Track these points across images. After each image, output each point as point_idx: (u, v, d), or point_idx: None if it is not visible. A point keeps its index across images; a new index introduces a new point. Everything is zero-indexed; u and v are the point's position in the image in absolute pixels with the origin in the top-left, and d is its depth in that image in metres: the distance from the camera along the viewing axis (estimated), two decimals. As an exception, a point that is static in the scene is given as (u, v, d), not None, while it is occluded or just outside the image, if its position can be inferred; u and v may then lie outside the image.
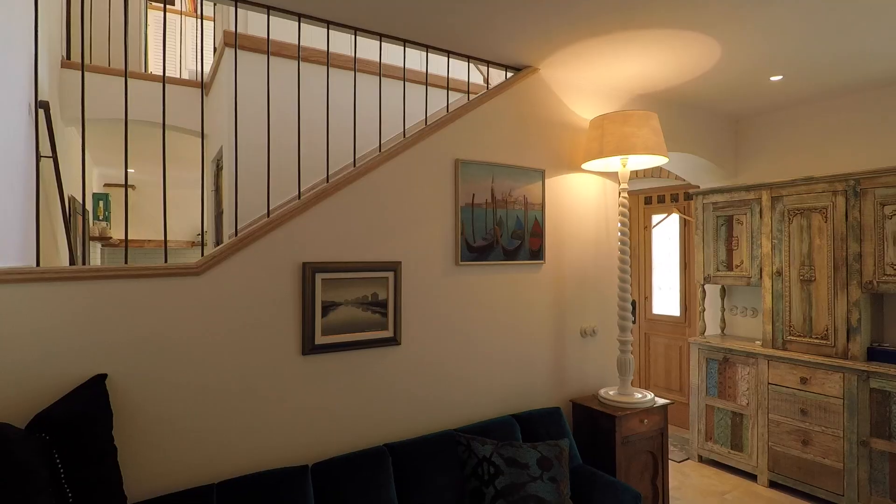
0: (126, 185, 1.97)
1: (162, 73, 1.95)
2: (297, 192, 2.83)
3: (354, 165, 2.31)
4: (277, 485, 1.89)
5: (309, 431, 2.14)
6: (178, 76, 5.08)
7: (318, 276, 2.14)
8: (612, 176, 3.19)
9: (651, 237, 4.86)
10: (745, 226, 3.63)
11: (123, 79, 3.76)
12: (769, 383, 3.40)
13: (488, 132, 2.67)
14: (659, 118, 3.15)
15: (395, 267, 2.34)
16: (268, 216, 2.17)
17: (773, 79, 3.06)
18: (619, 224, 2.78)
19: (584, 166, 2.90)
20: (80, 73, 3.68)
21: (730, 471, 3.69)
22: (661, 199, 4.76)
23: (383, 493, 2.05)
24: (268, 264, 2.06)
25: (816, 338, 3.22)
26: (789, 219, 3.37)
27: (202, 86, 2.08)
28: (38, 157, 1.86)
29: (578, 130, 3.03)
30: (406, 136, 2.45)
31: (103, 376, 1.74)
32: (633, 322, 2.86)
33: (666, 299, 4.76)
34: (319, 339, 2.15)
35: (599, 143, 2.70)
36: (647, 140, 2.63)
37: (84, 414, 1.62)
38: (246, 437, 2.00)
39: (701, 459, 3.86)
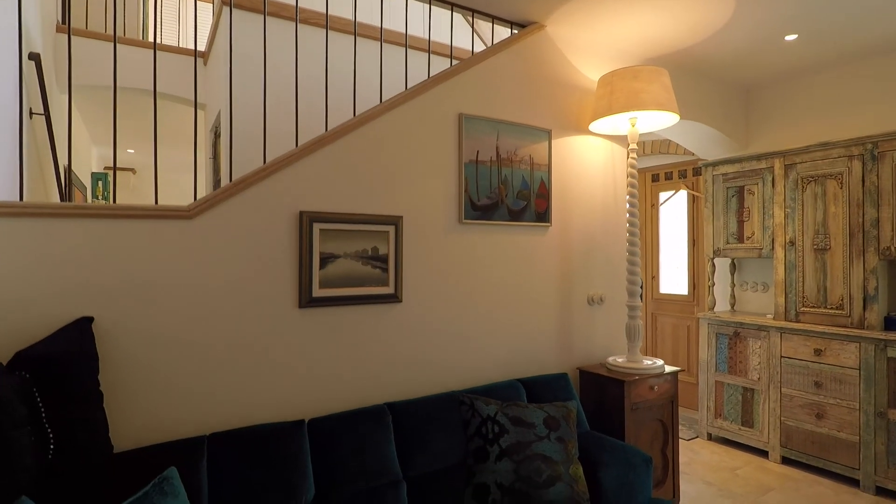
0: (114, 135, 1.89)
1: (158, 39, 1.86)
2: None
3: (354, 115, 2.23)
4: (272, 438, 1.80)
5: (306, 388, 2.05)
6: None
7: (316, 226, 2.06)
8: (621, 140, 3.10)
9: (658, 215, 4.76)
10: (756, 196, 3.54)
11: (122, 45, 3.69)
12: (782, 356, 3.30)
13: (493, 88, 2.58)
14: (669, 81, 3.05)
15: (396, 221, 2.25)
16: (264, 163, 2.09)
17: (787, 38, 2.95)
18: (628, 186, 2.69)
19: (591, 127, 2.81)
20: (75, 38, 3.61)
21: (740, 448, 3.60)
22: (668, 176, 4.66)
23: (383, 449, 1.96)
24: (263, 211, 1.97)
25: (831, 308, 3.12)
26: (803, 186, 3.27)
27: (195, 39, 2.00)
28: (23, 98, 1.77)
29: (586, 92, 2.94)
30: (408, 89, 2.36)
31: (89, 319, 1.66)
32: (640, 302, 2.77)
33: (673, 278, 4.66)
34: (317, 292, 2.06)
35: (608, 100, 2.61)
36: (658, 96, 2.54)
37: (67, 353, 1.54)
38: (240, 391, 1.92)
39: (710, 437, 3.76)
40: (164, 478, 1.48)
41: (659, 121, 2.75)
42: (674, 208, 4.65)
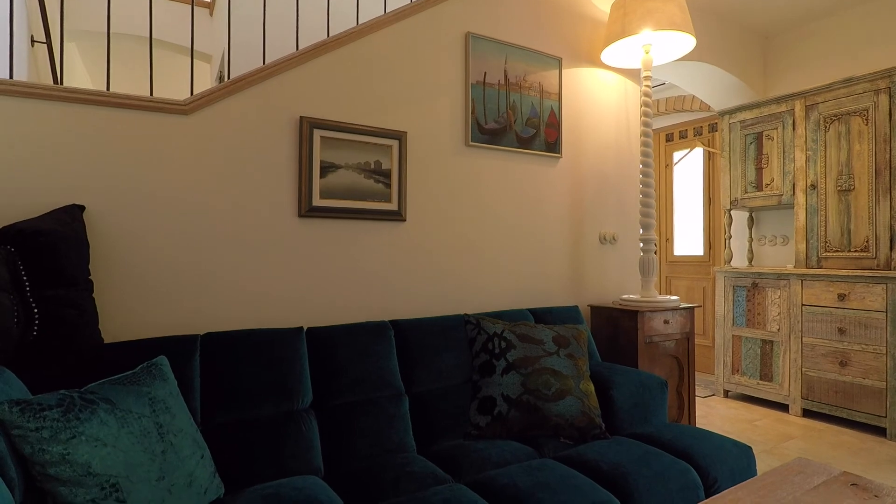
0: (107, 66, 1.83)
1: None
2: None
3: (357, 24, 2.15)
4: (268, 342, 1.73)
5: (305, 300, 1.98)
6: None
7: (317, 133, 1.99)
8: (634, 75, 2.99)
9: (672, 176, 4.63)
10: (775, 141, 3.40)
11: (126, -8, 3.66)
12: (803, 304, 3.17)
13: (501, 9, 2.50)
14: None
15: (399, 136, 2.17)
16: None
17: (809, -35, 2.83)
18: (642, 115, 2.59)
19: (604, 56, 2.71)
20: (80, -18, 3.58)
21: (759, 403, 3.46)
22: (683, 135, 4.53)
23: (384, 362, 1.88)
24: (263, 113, 1.91)
25: (856, 251, 2.99)
26: (825, 126, 3.14)
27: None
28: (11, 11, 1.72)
29: (597, 23, 2.84)
30: (413, 1, 2.28)
31: (80, 207, 1.60)
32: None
33: (688, 240, 4.53)
34: (317, 202, 1.99)
35: (621, 23, 2.51)
36: (673, 15, 2.43)
37: (55, 231, 1.47)
38: (235, 297, 1.85)
39: (727, 394, 3.63)
40: (153, 363, 1.42)
41: (674, 50, 2.65)
42: (688, 168, 4.52)
